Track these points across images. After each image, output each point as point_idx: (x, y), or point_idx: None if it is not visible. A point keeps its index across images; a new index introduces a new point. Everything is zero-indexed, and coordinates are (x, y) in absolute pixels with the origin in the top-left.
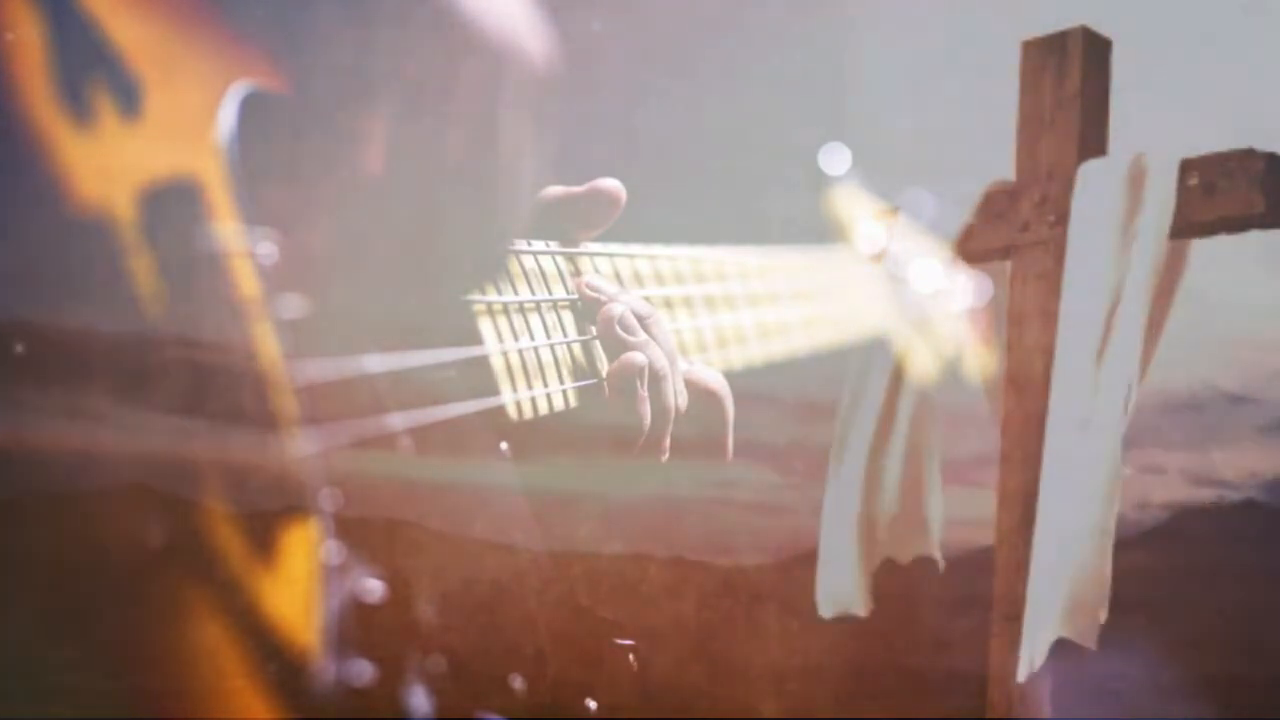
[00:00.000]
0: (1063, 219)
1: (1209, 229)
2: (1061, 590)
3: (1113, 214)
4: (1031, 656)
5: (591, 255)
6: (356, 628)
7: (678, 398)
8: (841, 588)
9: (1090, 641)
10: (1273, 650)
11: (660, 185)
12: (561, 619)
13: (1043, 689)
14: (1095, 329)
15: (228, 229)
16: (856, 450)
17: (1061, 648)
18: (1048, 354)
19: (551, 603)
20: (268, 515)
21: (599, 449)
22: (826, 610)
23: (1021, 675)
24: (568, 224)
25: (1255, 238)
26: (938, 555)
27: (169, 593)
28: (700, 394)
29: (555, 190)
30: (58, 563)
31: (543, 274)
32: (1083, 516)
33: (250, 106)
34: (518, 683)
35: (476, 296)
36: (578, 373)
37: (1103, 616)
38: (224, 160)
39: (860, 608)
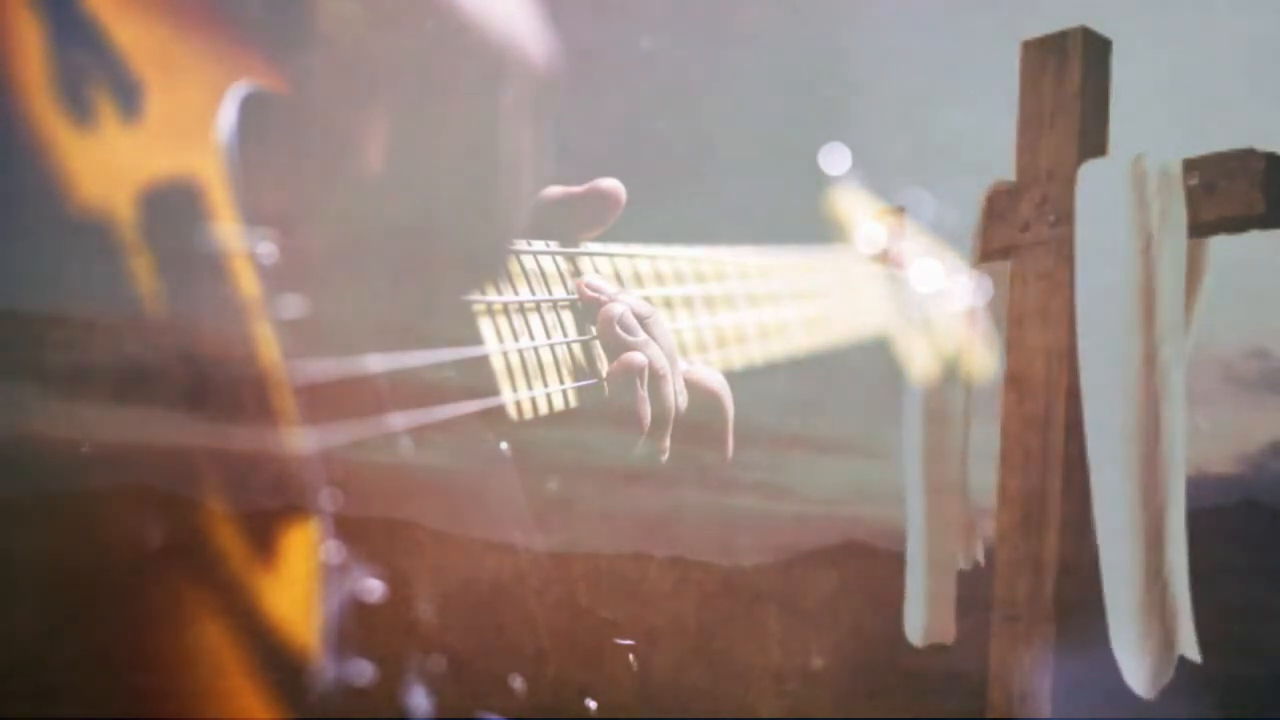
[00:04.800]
0: (1063, 219)
1: (1209, 229)
2: (1164, 603)
3: (1120, 215)
4: (1151, 673)
5: (591, 255)
6: (356, 628)
7: (678, 397)
8: (926, 610)
9: (1196, 654)
10: (1273, 650)
11: (660, 185)
12: (561, 619)
13: (1043, 689)
14: (1123, 332)
15: (228, 229)
16: (950, 457)
17: (1062, 648)
18: (1048, 354)
19: (551, 603)
20: (268, 515)
21: (597, 446)
22: (916, 639)
23: (1153, 692)
24: (568, 224)
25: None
26: (980, 556)
27: (169, 593)
28: (700, 394)
29: (555, 190)
30: (58, 563)
31: (543, 274)
32: (1161, 522)
33: (250, 106)
34: (518, 683)
35: (476, 296)
36: (578, 373)
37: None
38: (224, 160)
39: (944, 633)
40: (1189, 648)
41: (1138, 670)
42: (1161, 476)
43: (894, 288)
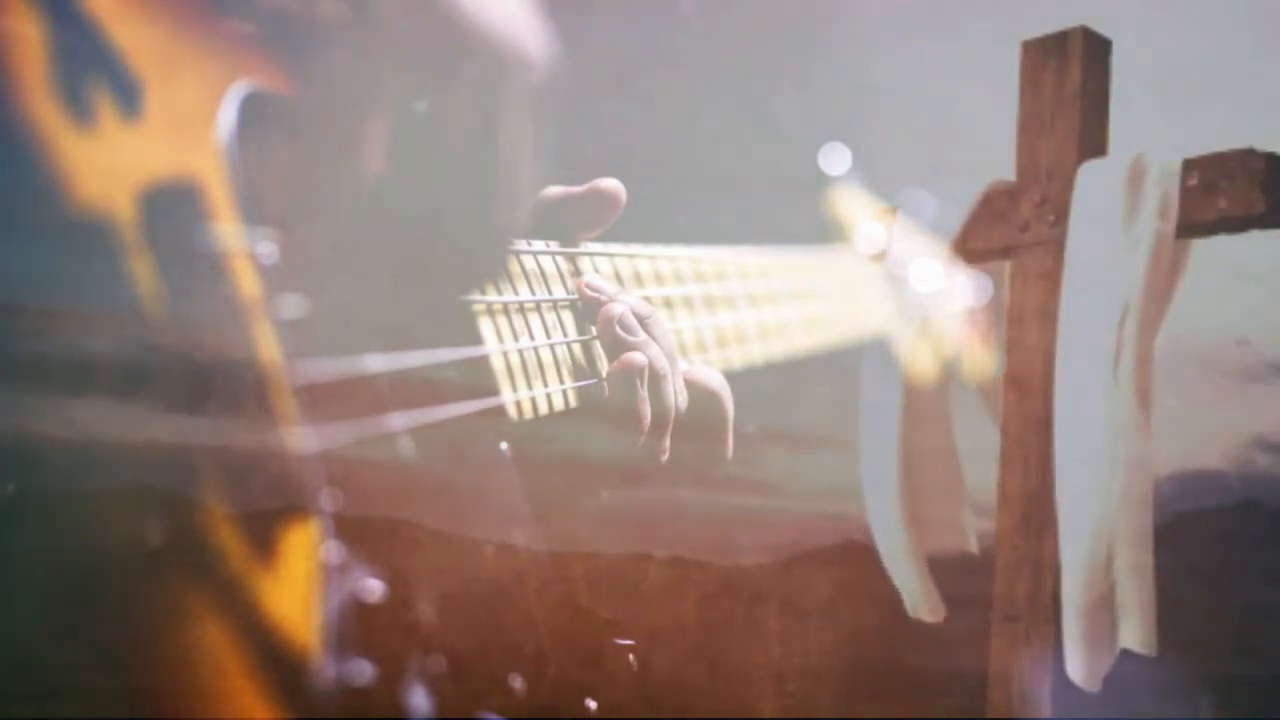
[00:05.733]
0: (1063, 219)
1: (1209, 229)
2: (1114, 599)
3: (1113, 214)
4: (1092, 667)
5: (591, 255)
6: (356, 628)
7: (678, 397)
8: (911, 594)
9: (1152, 649)
10: (1273, 650)
11: (660, 185)
12: (561, 619)
13: (1043, 689)
14: (1100, 330)
15: (228, 229)
16: (887, 452)
17: (1060, 646)
18: (1048, 354)
19: (551, 603)
20: (268, 515)
21: (598, 448)
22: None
23: (1094, 685)
24: (568, 224)
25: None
26: (971, 545)
27: (169, 593)
28: (700, 393)
29: (555, 190)
30: (58, 563)
31: (543, 274)
32: (1116, 520)
33: (250, 106)
34: (518, 683)
35: (476, 296)
36: (578, 373)
37: (1153, 622)
38: (224, 160)
39: (932, 613)
40: (1140, 643)
41: (1076, 664)
42: (1120, 475)
43: (893, 287)
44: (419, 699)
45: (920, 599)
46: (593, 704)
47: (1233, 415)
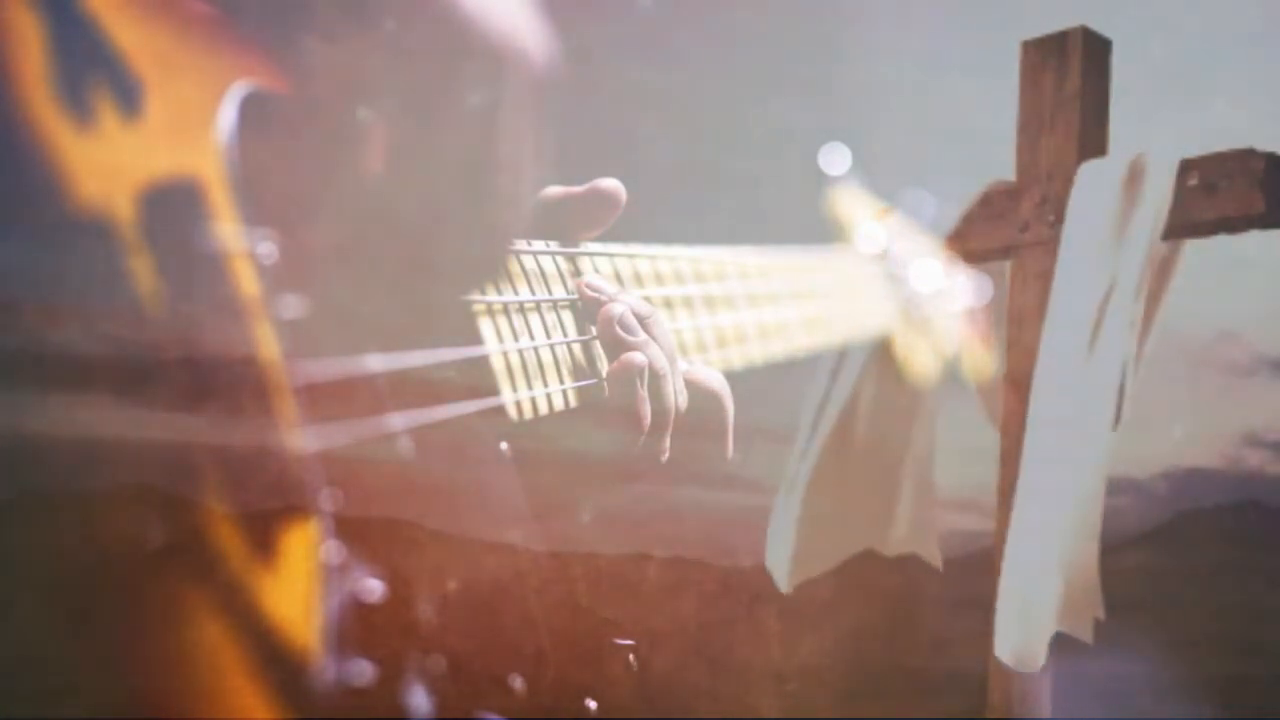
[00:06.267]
0: (1063, 219)
1: (1209, 229)
2: (1056, 586)
3: (1109, 213)
4: (1026, 651)
5: (591, 255)
6: (356, 628)
7: (678, 397)
8: (776, 566)
9: (1087, 636)
10: (1273, 650)
11: (660, 185)
12: (561, 619)
13: (1043, 689)
14: (1084, 327)
15: (228, 229)
16: (811, 449)
17: (1061, 646)
18: None
19: (551, 603)
20: (268, 515)
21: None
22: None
23: (1035, 666)
24: (568, 224)
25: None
26: (932, 557)
27: (169, 593)
28: (700, 394)
29: (555, 190)
30: (58, 563)
31: (543, 274)
32: (1071, 513)
33: (250, 106)
34: (518, 683)
35: (476, 296)
36: (578, 373)
37: (1100, 613)
38: (224, 160)
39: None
40: (1077, 630)
41: (1011, 647)
42: (1082, 472)
43: (893, 287)
44: (419, 699)
45: (785, 587)
46: (593, 704)
47: (1226, 412)
